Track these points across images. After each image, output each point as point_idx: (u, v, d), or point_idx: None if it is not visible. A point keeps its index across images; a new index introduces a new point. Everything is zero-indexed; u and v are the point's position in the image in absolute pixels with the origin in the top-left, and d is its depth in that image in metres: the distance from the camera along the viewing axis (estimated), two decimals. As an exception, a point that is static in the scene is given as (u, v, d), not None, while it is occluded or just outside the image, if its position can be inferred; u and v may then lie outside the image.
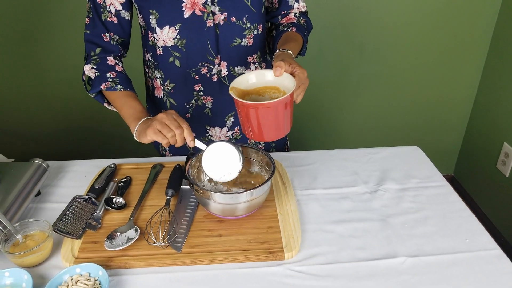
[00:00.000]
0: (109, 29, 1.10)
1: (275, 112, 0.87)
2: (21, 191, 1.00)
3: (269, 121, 0.89)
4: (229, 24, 1.06)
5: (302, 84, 0.92)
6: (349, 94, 2.28)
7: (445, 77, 2.25)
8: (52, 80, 2.11)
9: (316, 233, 0.96)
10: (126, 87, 1.09)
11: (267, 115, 0.88)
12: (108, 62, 1.11)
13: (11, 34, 1.97)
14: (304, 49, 1.16)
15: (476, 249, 0.91)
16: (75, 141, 2.31)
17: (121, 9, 1.07)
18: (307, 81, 0.94)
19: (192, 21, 1.04)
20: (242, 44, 1.11)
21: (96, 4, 1.07)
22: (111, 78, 1.08)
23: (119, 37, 1.12)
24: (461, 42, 2.14)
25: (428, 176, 1.16)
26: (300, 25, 1.15)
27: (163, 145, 0.93)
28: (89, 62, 1.11)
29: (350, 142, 2.44)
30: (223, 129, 1.24)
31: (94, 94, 1.12)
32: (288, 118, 0.91)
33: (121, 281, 0.84)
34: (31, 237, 0.90)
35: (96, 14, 1.08)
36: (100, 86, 1.08)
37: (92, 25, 1.09)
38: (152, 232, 0.93)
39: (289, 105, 0.89)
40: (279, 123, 0.90)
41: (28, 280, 0.80)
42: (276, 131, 0.92)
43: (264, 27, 1.15)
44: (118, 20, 1.09)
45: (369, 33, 2.10)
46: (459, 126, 2.42)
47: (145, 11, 1.05)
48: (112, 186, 1.08)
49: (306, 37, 1.16)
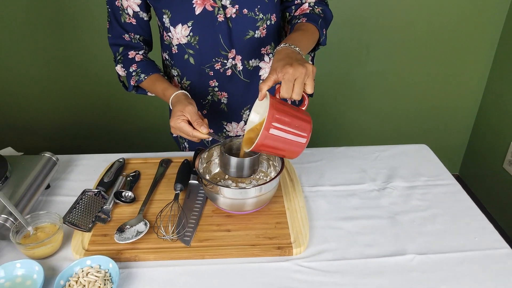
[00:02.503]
0: (129, 30, 1.12)
1: (273, 135, 0.83)
2: (31, 184, 1.01)
3: (281, 144, 0.85)
4: (241, 17, 1.06)
5: (296, 79, 0.82)
6: (355, 93, 2.28)
7: (452, 77, 2.24)
8: (61, 77, 2.12)
9: (324, 229, 0.96)
10: (148, 73, 1.12)
11: (274, 142, 0.84)
12: (129, 56, 1.14)
13: (23, 26, 1.98)
14: (323, 37, 1.08)
15: (485, 247, 0.90)
16: (84, 136, 2.32)
17: (139, 10, 1.09)
18: (301, 71, 0.82)
19: (204, 17, 1.04)
20: (256, 36, 1.10)
21: (114, 8, 1.09)
22: (134, 72, 1.13)
23: (140, 36, 1.15)
24: (468, 42, 2.13)
25: (436, 174, 1.16)
26: (313, 14, 1.09)
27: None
28: (117, 63, 1.16)
29: (355, 141, 2.44)
30: (239, 123, 1.25)
31: (134, 91, 1.17)
32: (295, 127, 0.85)
33: (131, 273, 0.84)
34: (41, 229, 0.91)
35: (114, 18, 1.11)
36: (131, 83, 1.14)
37: (112, 28, 1.13)
38: (162, 225, 0.94)
39: (282, 119, 0.82)
40: (294, 129, 0.85)
41: (39, 272, 0.80)
42: (300, 136, 0.86)
43: (278, 16, 1.12)
44: (137, 21, 1.11)
45: (377, 33, 2.09)
46: (465, 125, 2.41)
47: (159, 11, 1.06)
48: (121, 180, 1.09)
49: (321, 25, 1.07)
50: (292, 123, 0.84)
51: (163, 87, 1.08)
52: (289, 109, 0.85)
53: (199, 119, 0.95)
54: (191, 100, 1.01)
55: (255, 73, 1.17)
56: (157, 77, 1.12)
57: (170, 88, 1.06)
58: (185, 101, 0.99)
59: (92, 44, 2.01)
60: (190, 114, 0.95)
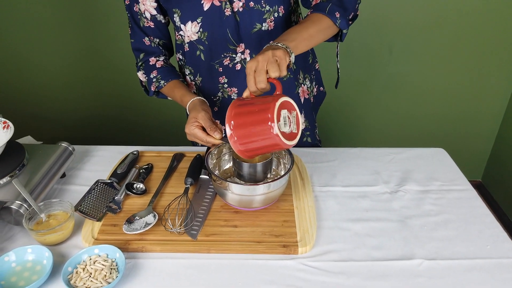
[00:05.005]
0: (148, 34, 1.15)
1: (242, 140, 0.83)
2: (47, 172, 1.04)
3: (255, 140, 0.84)
4: (248, 10, 1.05)
5: (256, 69, 0.84)
6: (375, 94, 2.24)
7: (477, 81, 2.17)
8: (84, 69, 2.17)
9: (332, 230, 0.95)
10: (167, 80, 1.15)
11: (248, 144, 0.84)
12: (150, 63, 1.17)
13: (51, 19, 2.03)
14: (338, 21, 1.00)
15: (497, 256, 0.88)
16: (103, 127, 2.37)
17: (156, 13, 1.11)
18: (256, 61, 0.84)
19: (212, 12, 1.05)
20: (263, 28, 1.09)
21: (133, 13, 1.12)
22: (155, 78, 1.16)
23: (159, 40, 1.17)
24: (496, 45, 2.07)
25: (452, 179, 1.13)
26: (322, 2, 1.03)
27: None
28: (139, 69, 1.20)
29: (372, 143, 2.39)
30: None
31: (155, 95, 1.20)
32: (253, 119, 0.82)
33: (137, 264, 0.86)
34: (54, 216, 0.94)
35: (135, 23, 1.14)
36: (151, 89, 1.17)
37: (133, 33, 1.16)
38: (170, 218, 0.95)
39: (238, 120, 0.83)
40: (256, 130, 0.83)
41: (49, 257, 0.83)
42: (266, 133, 0.82)
43: (286, 8, 1.10)
44: (155, 24, 1.13)
45: (399, 33, 2.05)
46: (489, 131, 2.34)
47: (170, 11, 1.08)
48: (134, 172, 1.11)
49: (332, 9, 1.00)
50: (249, 117, 0.82)
51: (181, 93, 1.11)
52: (246, 106, 0.84)
53: (213, 125, 0.96)
54: (206, 107, 1.03)
55: None
56: (176, 83, 1.14)
57: (188, 95, 1.09)
58: (199, 108, 1.01)
59: (118, 37, 2.04)
60: (203, 120, 0.97)
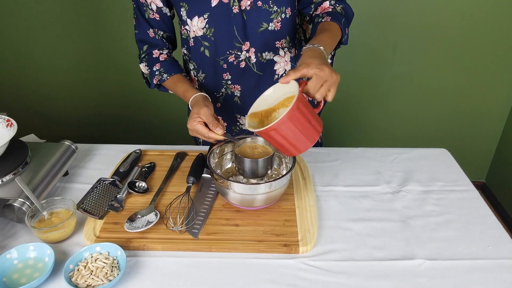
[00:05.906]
0: (153, 26, 1.15)
1: (290, 125, 0.83)
2: (50, 170, 1.04)
3: (292, 135, 0.85)
4: (255, 9, 1.06)
5: (326, 81, 0.85)
6: (378, 94, 2.24)
7: (481, 81, 2.17)
8: (89, 69, 2.18)
9: (333, 229, 0.95)
10: (170, 74, 1.14)
11: (286, 131, 0.84)
12: (154, 55, 1.17)
13: (57, 19, 2.04)
14: (345, 37, 1.07)
15: (499, 257, 0.88)
16: (106, 126, 2.38)
17: (162, 5, 1.11)
18: (333, 77, 0.86)
19: (219, 9, 1.05)
20: (269, 28, 1.09)
21: (139, 4, 1.12)
22: (157, 71, 1.15)
23: (163, 32, 1.17)
24: (501, 45, 2.06)
25: (454, 180, 1.12)
26: (336, 13, 1.08)
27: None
28: (141, 61, 1.19)
29: (375, 143, 2.39)
30: None
31: (156, 88, 1.19)
32: (311, 121, 0.86)
33: (138, 262, 0.86)
34: (56, 214, 0.94)
35: (140, 14, 1.13)
36: (153, 81, 1.16)
37: (138, 24, 1.15)
38: (171, 217, 0.95)
39: (304, 110, 0.84)
40: (305, 130, 0.86)
41: (51, 255, 0.83)
42: (307, 139, 0.87)
43: (293, 11, 1.11)
44: (160, 16, 1.13)
45: (403, 33, 2.04)
46: (494, 131, 2.33)
47: (177, 4, 1.08)
48: (136, 171, 1.11)
49: (344, 24, 1.07)
50: (310, 120, 0.86)
51: (184, 88, 1.10)
52: (311, 107, 0.87)
53: (215, 120, 0.96)
54: (208, 103, 1.03)
55: (268, 66, 1.17)
56: (179, 77, 1.14)
57: (191, 90, 1.08)
58: (201, 103, 1.01)
59: (123, 36, 2.05)
60: (205, 116, 0.97)
